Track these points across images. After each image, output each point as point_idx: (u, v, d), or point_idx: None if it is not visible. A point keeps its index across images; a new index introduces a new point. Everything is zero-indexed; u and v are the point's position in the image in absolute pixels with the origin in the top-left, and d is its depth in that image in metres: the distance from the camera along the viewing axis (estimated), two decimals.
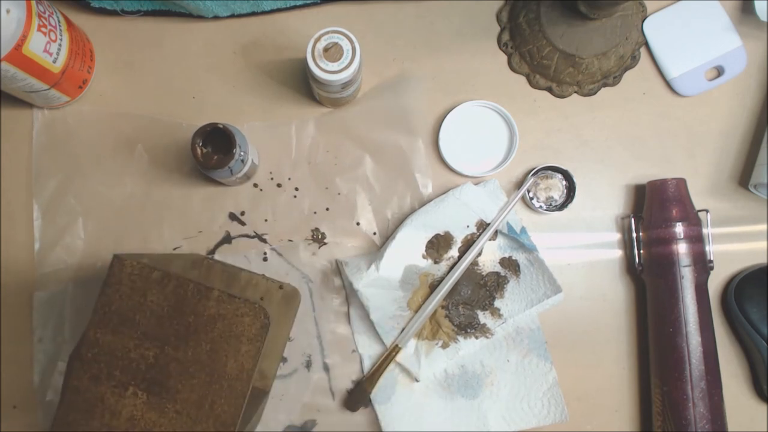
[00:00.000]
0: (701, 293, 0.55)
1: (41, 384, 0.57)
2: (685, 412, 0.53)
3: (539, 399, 0.58)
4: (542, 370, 0.58)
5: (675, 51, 0.60)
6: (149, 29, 0.60)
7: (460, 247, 0.59)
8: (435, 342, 0.58)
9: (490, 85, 0.60)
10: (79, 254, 0.58)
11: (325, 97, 0.56)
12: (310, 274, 0.59)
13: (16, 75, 0.49)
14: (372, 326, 0.57)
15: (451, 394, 0.58)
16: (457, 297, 0.58)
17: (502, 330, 0.58)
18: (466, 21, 0.60)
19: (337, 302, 0.59)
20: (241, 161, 0.51)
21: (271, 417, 0.57)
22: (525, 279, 0.58)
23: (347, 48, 0.50)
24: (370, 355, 0.58)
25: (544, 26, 0.57)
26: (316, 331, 0.58)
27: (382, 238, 0.59)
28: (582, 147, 0.61)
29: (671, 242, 0.55)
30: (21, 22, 0.46)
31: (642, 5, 0.60)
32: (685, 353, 0.54)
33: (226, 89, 0.60)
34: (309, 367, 0.58)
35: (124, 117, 0.59)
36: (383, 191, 0.59)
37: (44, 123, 0.58)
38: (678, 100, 0.61)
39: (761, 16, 0.58)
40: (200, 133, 0.50)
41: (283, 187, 0.59)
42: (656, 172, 0.60)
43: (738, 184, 0.61)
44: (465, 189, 0.57)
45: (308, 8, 0.60)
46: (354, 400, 0.57)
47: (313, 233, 0.59)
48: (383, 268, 0.56)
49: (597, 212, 0.60)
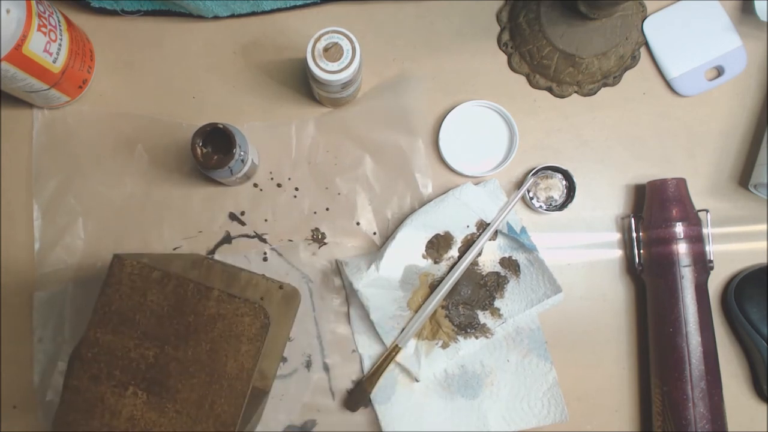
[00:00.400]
0: (701, 293, 0.55)
1: (41, 384, 0.57)
2: (685, 412, 0.53)
3: (539, 399, 0.58)
4: (542, 370, 0.58)
5: (675, 51, 0.60)
6: (149, 29, 0.60)
7: (460, 247, 0.59)
8: (435, 342, 0.58)
9: (490, 85, 0.60)
10: (79, 254, 0.58)
11: (325, 97, 0.56)
12: (310, 274, 0.59)
13: (16, 75, 0.49)
14: (372, 326, 0.57)
15: (451, 394, 0.58)
16: (457, 297, 0.58)
17: (502, 330, 0.58)
18: (466, 21, 0.60)
19: (337, 302, 0.59)
20: (241, 161, 0.51)
21: (271, 417, 0.57)
22: (525, 279, 0.58)
23: (347, 48, 0.50)
24: (370, 355, 0.58)
25: (544, 26, 0.57)
26: (316, 331, 0.58)
27: (382, 238, 0.59)
28: (582, 147, 0.61)
29: (671, 242, 0.55)
30: (21, 22, 0.46)
31: (642, 5, 0.60)
32: (685, 353, 0.54)
33: (226, 89, 0.60)
34: (309, 367, 0.58)
35: (124, 117, 0.59)
36: (383, 191, 0.59)
37: (44, 123, 0.58)
38: (678, 100, 0.61)
39: (761, 16, 0.58)
40: (200, 133, 0.50)
41: (283, 187, 0.59)
42: (656, 172, 0.60)
43: (738, 184, 0.61)
44: (465, 189, 0.57)
45: (308, 8, 0.60)
46: (354, 400, 0.57)
47: (313, 233, 0.59)
48: (383, 268, 0.56)
49: (597, 212, 0.60)
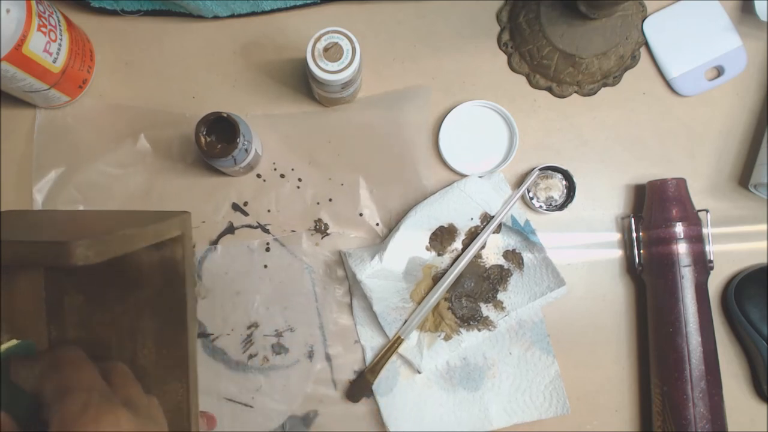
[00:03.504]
0: (701, 293, 0.55)
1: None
2: (685, 412, 0.53)
3: (541, 392, 0.58)
4: (544, 363, 0.58)
5: (675, 51, 0.60)
6: (149, 29, 0.60)
7: (463, 240, 0.59)
8: (437, 334, 0.58)
9: (490, 85, 0.60)
10: None
11: (324, 97, 0.56)
12: (313, 265, 0.59)
13: (16, 75, 0.49)
14: (375, 317, 0.57)
15: (453, 386, 0.58)
16: (461, 289, 0.58)
17: (505, 323, 0.58)
18: (466, 21, 0.60)
19: (340, 293, 0.59)
20: (244, 150, 0.52)
21: (272, 407, 0.57)
22: (528, 272, 0.58)
23: (347, 48, 0.50)
24: (373, 347, 0.58)
25: (544, 26, 0.57)
26: (319, 321, 0.58)
27: (386, 229, 0.59)
28: (582, 147, 0.61)
29: (671, 242, 0.55)
30: (21, 22, 0.46)
31: (642, 5, 0.60)
32: (685, 353, 0.54)
33: (226, 89, 0.60)
34: (311, 357, 0.58)
35: (126, 109, 0.59)
36: (386, 183, 0.59)
37: (44, 123, 0.58)
38: (678, 100, 0.61)
39: (761, 16, 0.58)
40: (204, 121, 0.50)
41: (286, 178, 0.59)
42: (656, 172, 0.60)
43: (738, 184, 0.61)
44: (469, 181, 0.57)
45: (308, 8, 0.60)
46: (356, 391, 0.57)
47: (316, 224, 0.59)
48: (386, 260, 0.56)
49: (597, 212, 0.60)
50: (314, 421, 0.58)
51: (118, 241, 0.32)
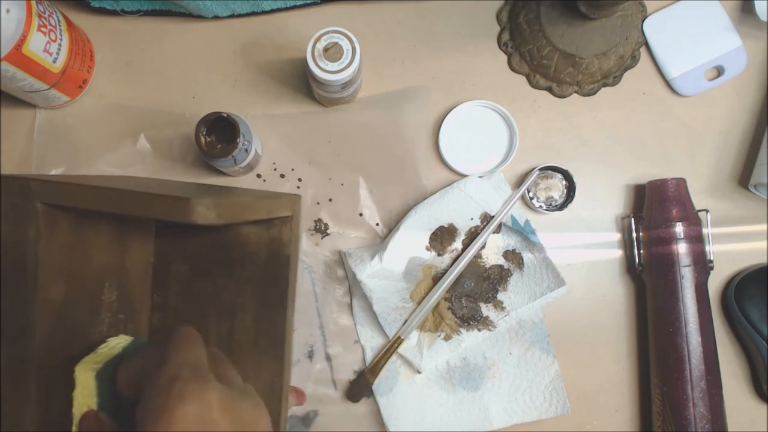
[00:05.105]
0: (701, 293, 0.55)
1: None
2: (685, 412, 0.53)
3: (541, 392, 0.58)
4: (544, 362, 0.58)
5: (675, 51, 0.60)
6: (149, 29, 0.60)
7: (463, 240, 0.59)
8: (437, 334, 0.58)
9: (490, 85, 0.60)
10: None
11: (324, 97, 0.56)
12: (313, 265, 0.59)
13: (16, 75, 0.49)
14: (375, 317, 0.57)
15: (453, 386, 0.58)
16: (461, 289, 0.58)
17: (505, 323, 0.58)
18: (466, 21, 0.60)
19: (340, 293, 0.59)
20: (244, 150, 0.52)
21: None
22: (528, 272, 0.58)
23: (347, 48, 0.50)
24: (373, 347, 0.58)
25: (544, 26, 0.57)
26: (319, 321, 0.58)
27: (386, 229, 0.59)
28: (582, 147, 0.61)
29: (671, 242, 0.55)
30: (21, 22, 0.46)
31: (642, 5, 0.60)
32: (685, 353, 0.54)
33: (226, 89, 0.60)
34: (311, 357, 0.58)
35: (126, 109, 0.59)
36: (386, 183, 0.59)
37: (44, 123, 0.58)
38: (678, 100, 0.61)
39: (761, 16, 0.58)
40: (204, 121, 0.50)
41: (286, 178, 0.59)
42: (656, 172, 0.60)
43: (738, 184, 0.61)
44: (469, 181, 0.57)
45: (308, 8, 0.60)
46: (356, 391, 0.57)
47: (316, 224, 0.59)
48: (387, 260, 0.56)
49: (597, 212, 0.60)
50: (314, 421, 0.58)
51: (234, 206, 0.32)
